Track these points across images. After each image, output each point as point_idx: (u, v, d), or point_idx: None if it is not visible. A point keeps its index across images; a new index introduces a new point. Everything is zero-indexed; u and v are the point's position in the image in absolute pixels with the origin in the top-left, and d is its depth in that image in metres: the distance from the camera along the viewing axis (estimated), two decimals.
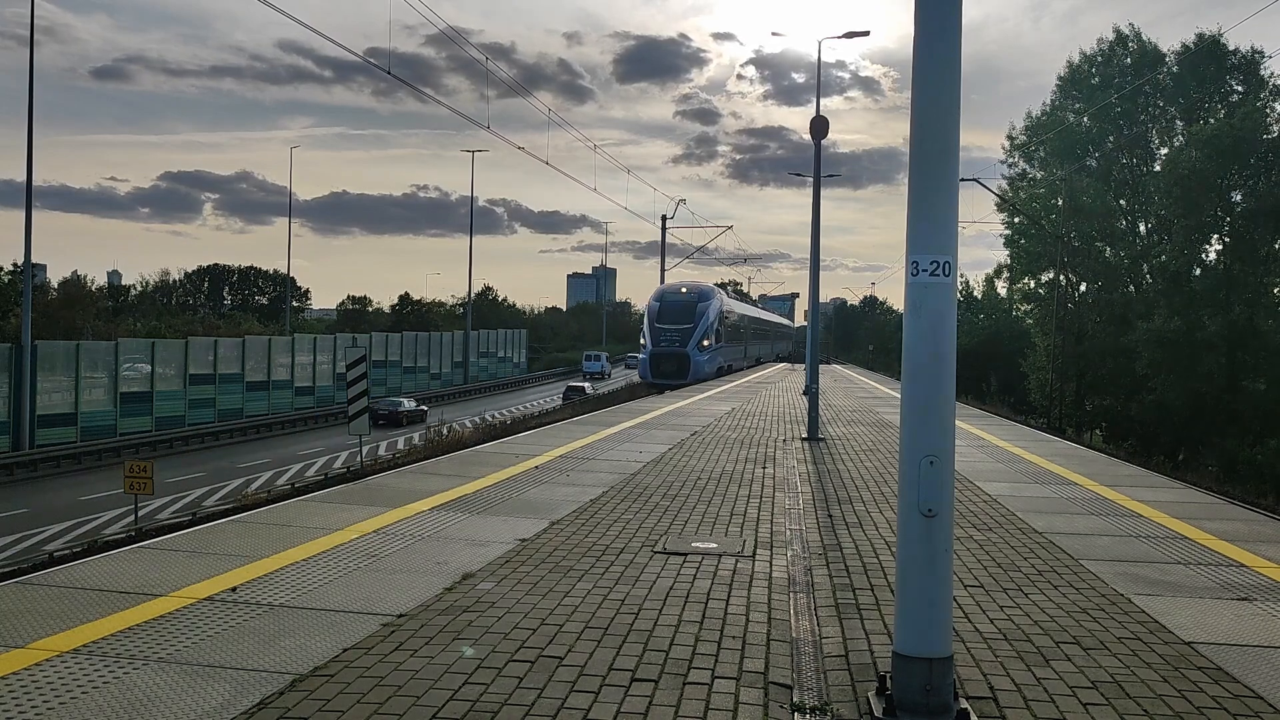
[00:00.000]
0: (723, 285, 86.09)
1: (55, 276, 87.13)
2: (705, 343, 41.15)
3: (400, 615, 5.58)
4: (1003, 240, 53.46)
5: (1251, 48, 45.25)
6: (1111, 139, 48.79)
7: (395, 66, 20.29)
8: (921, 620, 4.34)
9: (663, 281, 56.95)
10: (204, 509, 20.96)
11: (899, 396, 4.70)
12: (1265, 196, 38.80)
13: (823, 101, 19.09)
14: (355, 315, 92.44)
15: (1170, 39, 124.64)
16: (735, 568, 7.03)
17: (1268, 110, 42.76)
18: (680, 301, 42.67)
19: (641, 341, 43.28)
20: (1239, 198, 41.45)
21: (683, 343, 40.39)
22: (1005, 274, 59.67)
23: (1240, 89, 45.32)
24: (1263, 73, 44.56)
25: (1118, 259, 48.94)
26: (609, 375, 78.15)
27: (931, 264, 4.37)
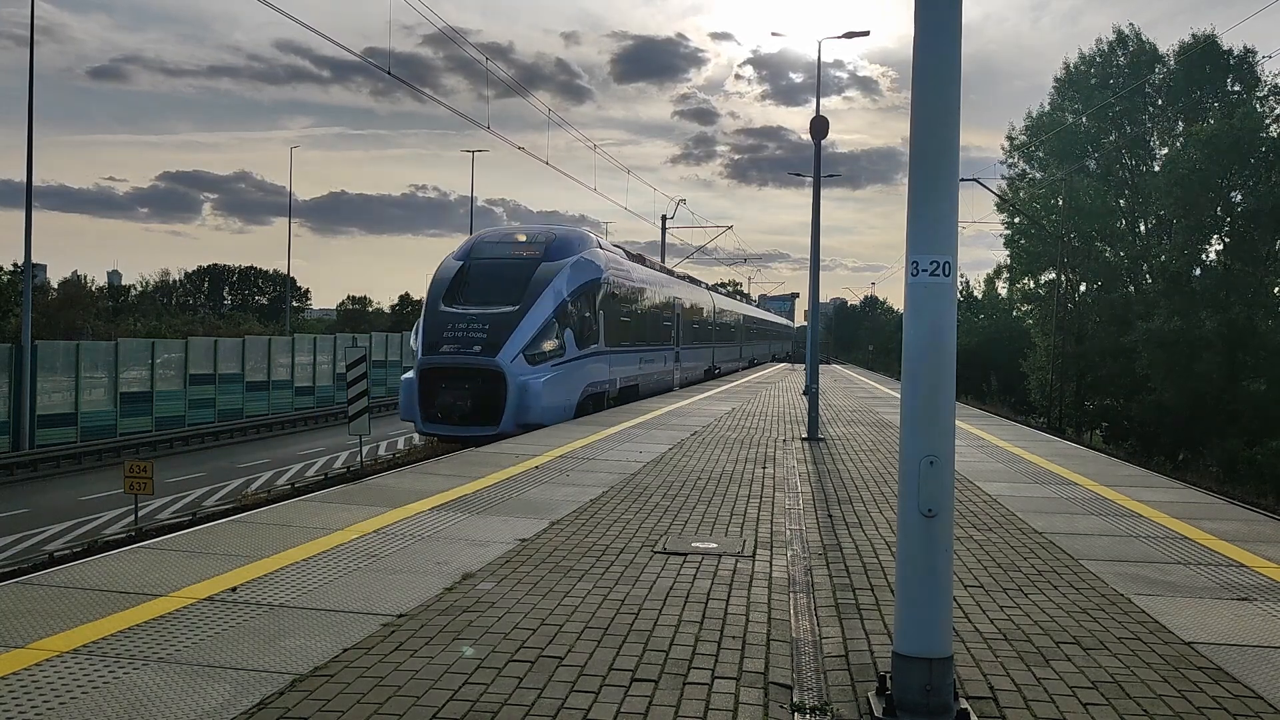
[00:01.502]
0: (722, 285, 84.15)
1: (55, 276, 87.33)
2: (549, 345, 20.07)
3: (400, 615, 5.58)
4: (1003, 240, 53.60)
5: (1245, 47, 45.44)
6: (1114, 136, 48.87)
7: (394, 66, 20.20)
8: (921, 620, 4.34)
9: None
10: (204, 509, 20.96)
11: (899, 396, 4.70)
12: (1265, 196, 38.84)
13: (821, 101, 19.09)
14: (355, 315, 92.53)
15: (1170, 39, 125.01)
16: (735, 568, 7.03)
17: (1265, 111, 42.84)
18: (504, 262, 21.52)
19: (412, 344, 21.57)
20: (1239, 198, 41.50)
21: (491, 346, 19.29)
22: (1005, 274, 59.82)
23: (1238, 89, 45.43)
24: (1259, 73, 44.70)
25: (1118, 259, 49.00)
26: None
27: (931, 264, 4.37)
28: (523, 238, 22.70)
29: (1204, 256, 43.92)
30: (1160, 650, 5.32)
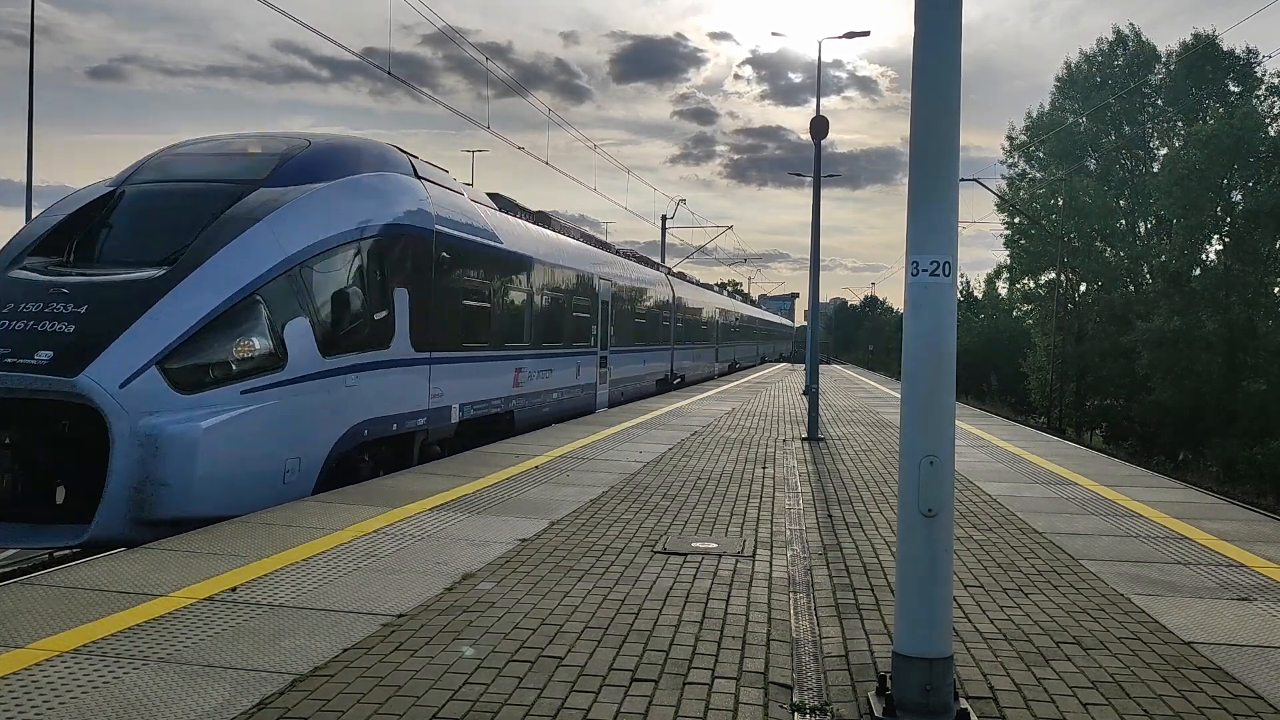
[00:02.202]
0: (722, 286, 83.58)
1: None
2: (241, 349, 9.06)
3: (400, 615, 5.58)
4: (1003, 240, 53.77)
5: (1246, 47, 45.57)
6: (1113, 134, 48.94)
7: (393, 66, 20.12)
8: (921, 620, 4.34)
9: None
10: None
11: (899, 396, 4.70)
12: (1265, 196, 38.87)
13: (821, 101, 19.08)
14: None
15: (1170, 39, 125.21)
16: (735, 568, 7.03)
17: (1265, 111, 42.87)
18: (181, 188, 10.38)
19: None
20: (1239, 198, 41.55)
21: (77, 350, 8.09)
22: (1005, 274, 59.93)
23: (1237, 89, 45.50)
24: (1259, 73, 44.78)
25: (1118, 259, 49.07)
26: None
27: (931, 264, 4.37)
28: (256, 148, 11.62)
29: (1204, 256, 43.99)
30: (1160, 650, 5.32)
